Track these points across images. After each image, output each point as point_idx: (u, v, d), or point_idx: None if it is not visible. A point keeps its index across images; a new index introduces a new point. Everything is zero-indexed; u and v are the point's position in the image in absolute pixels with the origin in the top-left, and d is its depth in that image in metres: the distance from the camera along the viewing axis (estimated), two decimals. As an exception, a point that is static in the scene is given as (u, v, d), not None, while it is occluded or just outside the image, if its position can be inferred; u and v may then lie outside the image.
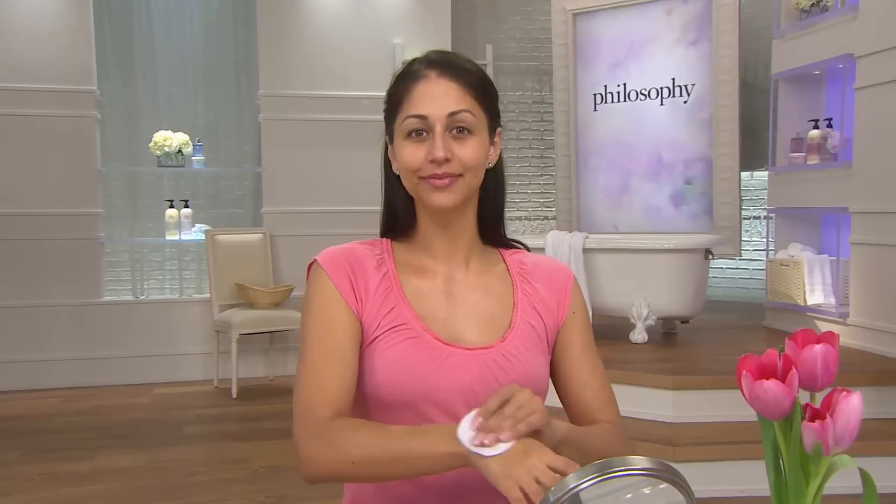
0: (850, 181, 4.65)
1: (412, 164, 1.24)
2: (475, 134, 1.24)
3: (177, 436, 4.49)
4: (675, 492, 0.85)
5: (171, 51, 6.06)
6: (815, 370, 0.83)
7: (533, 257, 1.41)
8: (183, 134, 5.76)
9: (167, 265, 6.21)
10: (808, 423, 0.82)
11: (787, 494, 0.86)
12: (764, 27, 5.76)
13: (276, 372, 5.81)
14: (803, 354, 0.83)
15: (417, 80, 1.25)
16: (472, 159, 1.24)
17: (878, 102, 4.43)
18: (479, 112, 1.25)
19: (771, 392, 0.81)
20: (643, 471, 0.85)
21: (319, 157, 5.96)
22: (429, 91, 1.23)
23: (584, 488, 0.85)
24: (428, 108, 1.22)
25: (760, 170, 6.12)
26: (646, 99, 5.79)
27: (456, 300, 1.31)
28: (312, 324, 1.25)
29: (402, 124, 1.25)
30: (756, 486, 3.36)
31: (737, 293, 6.42)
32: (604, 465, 0.85)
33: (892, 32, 4.28)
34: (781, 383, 0.81)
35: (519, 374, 1.26)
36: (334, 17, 5.97)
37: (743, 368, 0.85)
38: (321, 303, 1.26)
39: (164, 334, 5.79)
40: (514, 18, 6.65)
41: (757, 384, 0.82)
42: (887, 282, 4.36)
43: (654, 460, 0.86)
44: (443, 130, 1.22)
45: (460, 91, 1.24)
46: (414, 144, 1.24)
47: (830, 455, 0.83)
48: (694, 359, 4.43)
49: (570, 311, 1.36)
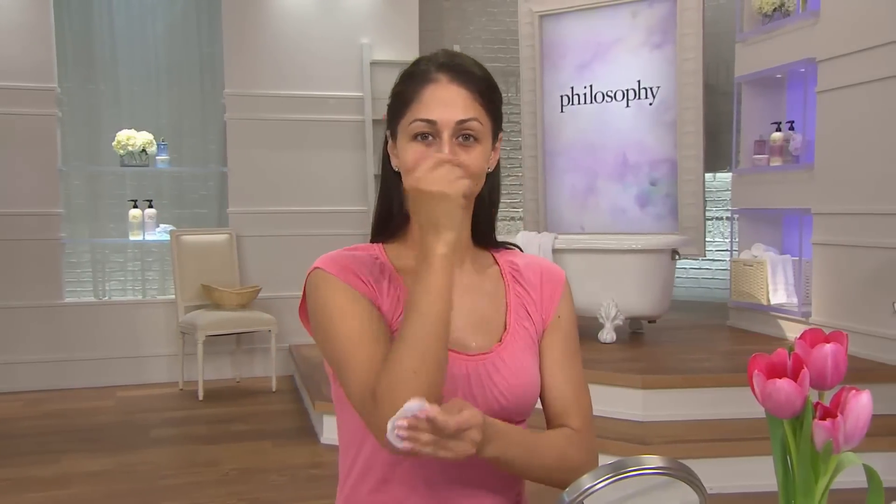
0: (812, 183, 4.74)
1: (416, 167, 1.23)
2: (480, 142, 1.24)
3: (144, 439, 4.43)
4: (689, 491, 0.87)
5: (134, 48, 5.97)
6: (825, 369, 0.85)
7: (525, 258, 1.41)
8: (147, 133, 5.68)
9: (129, 266, 6.11)
10: (819, 422, 0.84)
11: (796, 492, 0.88)
12: (725, 31, 5.85)
13: (242, 374, 5.76)
14: (813, 354, 0.85)
15: (427, 82, 1.24)
16: (476, 167, 1.24)
17: (840, 106, 4.53)
18: (485, 120, 1.25)
19: (783, 391, 0.83)
20: (657, 470, 0.86)
21: (286, 157, 5.93)
22: (439, 95, 1.23)
23: (598, 489, 0.86)
24: (437, 114, 1.22)
25: (723, 171, 6.21)
26: (612, 101, 5.85)
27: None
28: (340, 322, 1.20)
29: (409, 126, 1.24)
30: (726, 483, 3.42)
31: (700, 293, 6.52)
32: (617, 465, 0.87)
33: (852, 37, 4.38)
34: (794, 382, 0.83)
35: (517, 378, 1.27)
36: (301, 17, 5.93)
37: (754, 368, 0.87)
38: (339, 300, 1.22)
39: (127, 336, 5.71)
40: (479, 20, 6.67)
41: (769, 383, 0.84)
42: (848, 282, 4.46)
43: (668, 459, 0.87)
44: (450, 137, 1.22)
45: (469, 98, 1.24)
46: (419, 147, 1.23)
47: (840, 453, 0.85)
48: (662, 358, 4.49)
49: (556, 315, 1.36)
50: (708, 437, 3.64)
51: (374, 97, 5.94)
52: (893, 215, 4.11)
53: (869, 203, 4.29)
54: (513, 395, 1.26)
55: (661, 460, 0.87)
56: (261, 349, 5.76)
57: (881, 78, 4.19)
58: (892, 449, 3.54)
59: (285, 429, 4.60)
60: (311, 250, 6.28)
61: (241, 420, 4.79)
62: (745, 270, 5.14)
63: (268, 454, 4.15)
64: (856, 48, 4.36)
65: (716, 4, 6.12)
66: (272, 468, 3.93)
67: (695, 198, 5.57)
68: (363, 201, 5.97)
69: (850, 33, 4.41)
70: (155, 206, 5.79)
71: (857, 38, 4.35)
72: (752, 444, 3.58)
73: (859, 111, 4.37)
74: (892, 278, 4.10)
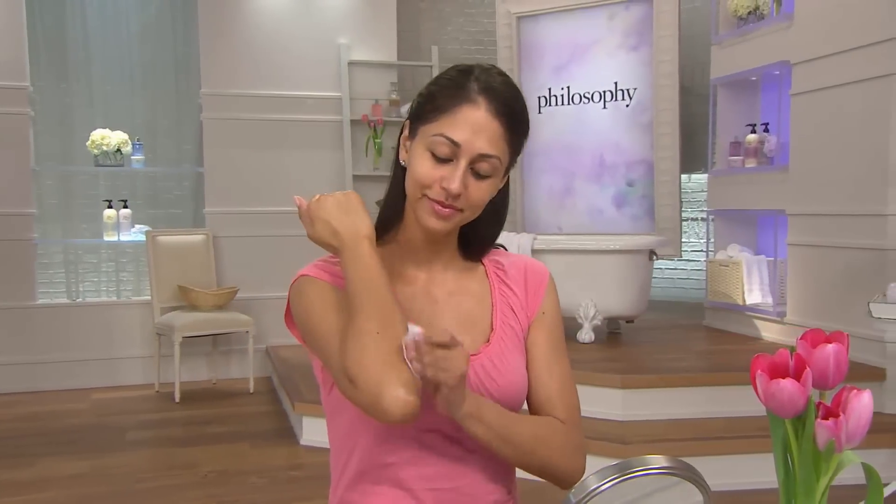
0: (786, 184, 4.80)
1: (425, 181, 1.22)
2: (493, 177, 1.24)
3: (120, 441, 4.38)
4: (694, 491, 0.88)
5: (108, 47, 5.90)
6: (827, 369, 0.86)
7: (509, 257, 1.42)
8: (122, 133, 5.62)
9: (103, 267, 6.04)
10: (821, 421, 0.85)
11: (797, 491, 0.89)
12: (700, 33, 5.91)
13: (218, 375, 5.72)
14: (815, 354, 0.86)
15: (465, 101, 1.21)
16: (479, 200, 1.24)
17: (814, 108, 4.59)
18: (506, 157, 1.25)
19: (787, 391, 0.84)
20: (662, 470, 0.87)
21: (264, 157, 5.89)
22: (472, 119, 1.21)
23: (604, 489, 0.86)
24: (464, 138, 1.20)
25: (698, 172, 6.27)
26: (589, 102, 5.88)
27: (437, 302, 1.32)
28: (325, 317, 1.22)
29: (431, 136, 1.22)
30: (709, 481, 3.45)
31: (675, 293, 6.57)
32: (623, 466, 0.87)
33: (826, 41, 4.44)
34: (797, 382, 0.84)
35: (506, 379, 1.28)
36: (278, 16, 5.91)
37: (757, 368, 0.88)
38: (325, 298, 1.23)
39: (101, 338, 5.64)
40: (457, 20, 6.67)
41: (773, 383, 0.85)
42: (823, 282, 4.52)
43: (673, 458, 0.88)
44: (466, 165, 1.21)
45: (499, 133, 1.22)
46: (433, 162, 1.22)
47: (842, 452, 0.86)
48: (640, 358, 4.52)
49: (540, 311, 1.36)
50: (687, 436, 3.68)
51: (351, 97, 5.93)
52: (866, 216, 4.17)
53: (843, 204, 4.35)
54: (502, 395, 1.26)
55: (666, 460, 0.87)
56: (237, 350, 5.72)
57: (854, 81, 4.25)
58: (869, 447, 3.58)
59: (264, 430, 4.57)
60: (288, 251, 6.28)
61: (218, 422, 4.76)
62: (721, 271, 5.19)
63: (246, 456, 4.13)
64: (829, 51, 4.42)
65: (691, 7, 6.17)
66: (251, 470, 3.91)
67: (671, 199, 5.62)
68: (341, 202, 5.94)
69: (824, 37, 4.46)
70: (129, 206, 5.73)
71: (830, 41, 4.41)
72: (731, 443, 3.62)
73: (833, 113, 4.43)
74: (865, 278, 4.16)
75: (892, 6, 4.02)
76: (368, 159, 5.99)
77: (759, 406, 3.45)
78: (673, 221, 5.61)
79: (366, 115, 5.87)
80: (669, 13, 5.56)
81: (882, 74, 4.07)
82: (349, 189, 6.04)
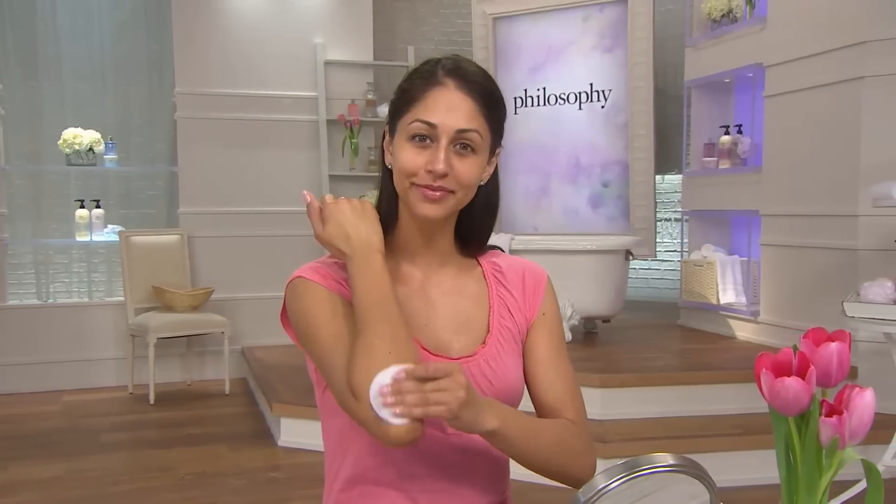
0: (760, 185, 4.86)
1: (409, 169, 1.23)
2: (477, 153, 1.24)
3: (94, 444, 4.33)
4: (702, 489, 0.89)
5: (79, 45, 5.82)
6: (831, 367, 0.88)
7: (507, 259, 1.42)
8: (94, 131, 5.55)
9: (75, 267, 5.96)
10: (825, 419, 0.86)
11: (799, 488, 0.90)
12: (674, 36, 5.96)
13: (193, 376, 5.67)
14: (819, 352, 0.88)
15: (434, 85, 1.23)
16: (468, 178, 1.24)
17: (786, 110, 4.65)
18: (486, 132, 1.25)
19: (792, 389, 0.86)
20: (669, 467, 0.88)
21: (239, 156, 5.85)
22: (444, 100, 1.22)
23: (612, 489, 0.87)
24: (439, 118, 1.21)
25: (671, 173, 6.33)
26: (564, 103, 5.91)
27: (433, 303, 1.32)
28: (324, 324, 1.21)
29: (408, 125, 1.23)
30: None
31: (649, 293, 6.62)
32: (630, 464, 0.88)
33: (798, 44, 4.50)
34: (801, 380, 0.85)
35: (501, 381, 1.28)
36: (253, 15, 5.87)
37: (762, 366, 0.89)
38: (322, 303, 1.23)
39: (74, 339, 5.57)
40: (432, 21, 6.67)
41: (778, 381, 0.86)
42: (795, 281, 4.58)
43: (679, 456, 0.89)
44: (447, 144, 1.21)
45: (474, 108, 1.23)
46: (415, 149, 1.23)
47: (845, 449, 0.87)
48: (617, 357, 4.55)
49: (540, 312, 1.37)
50: (665, 435, 3.71)
51: (327, 97, 5.91)
52: (838, 217, 4.24)
53: (815, 205, 4.41)
54: (498, 398, 1.26)
55: (673, 458, 0.88)
56: (212, 351, 5.68)
57: (826, 83, 4.31)
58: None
59: (240, 432, 4.54)
60: (264, 251, 6.23)
61: (194, 424, 4.71)
62: (696, 271, 5.25)
63: (224, 458, 4.10)
64: (802, 54, 4.49)
65: (665, 9, 6.22)
66: (229, 472, 3.88)
67: (646, 199, 5.67)
68: (316, 202, 5.91)
69: (796, 40, 4.53)
70: (101, 206, 5.66)
71: (802, 44, 4.47)
72: (708, 441, 3.66)
73: (805, 115, 4.49)
74: (837, 278, 4.22)
75: (863, 10, 4.09)
76: (345, 159, 5.97)
77: (735, 404, 3.54)
78: (647, 222, 5.66)
79: (342, 115, 5.85)
80: (644, 15, 5.61)
81: (853, 77, 4.13)
82: (326, 190, 6.02)
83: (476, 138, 1.23)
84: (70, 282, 5.93)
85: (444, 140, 1.21)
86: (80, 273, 5.95)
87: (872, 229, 4.05)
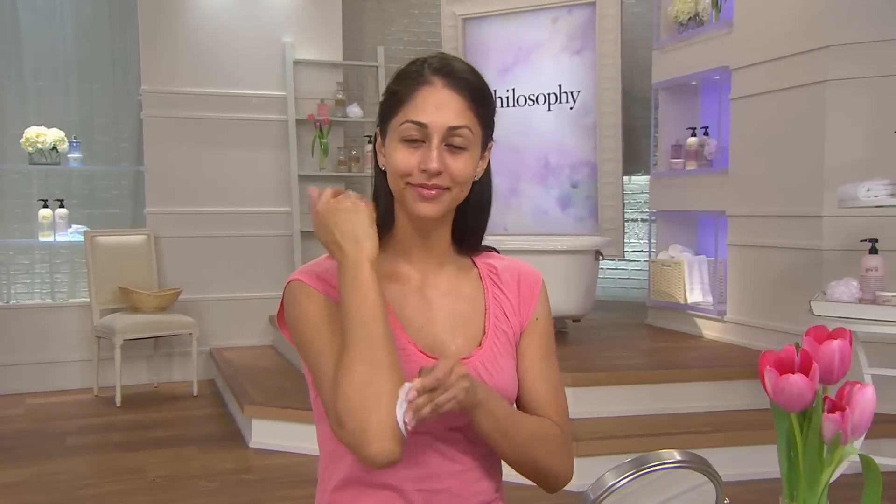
0: (726, 186, 4.93)
1: (403, 169, 1.23)
2: (469, 149, 1.25)
3: (60, 447, 4.26)
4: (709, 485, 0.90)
5: (41, 43, 5.72)
6: (833, 364, 0.90)
7: (503, 261, 1.43)
8: (57, 130, 5.46)
9: (37, 268, 5.86)
10: (828, 415, 0.88)
11: (800, 483, 0.92)
12: (640, 38, 6.02)
13: (160, 378, 5.60)
14: (821, 349, 0.90)
15: (422, 84, 1.24)
16: (462, 175, 1.25)
17: (752, 112, 4.73)
18: (476, 127, 1.26)
19: (796, 386, 0.88)
20: (677, 464, 0.89)
21: (207, 156, 5.79)
22: (432, 99, 1.23)
23: (621, 485, 0.88)
24: (429, 117, 1.22)
25: (637, 174, 6.39)
26: (534, 104, 5.95)
27: (430, 304, 1.32)
28: (317, 333, 1.22)
29: (399, 126, 1.24)
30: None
31: (616, 293, 6.68)
32: (639, 461, 0.89)
33: (764, 48, 4.58)
34: (806, 377, 0.87)
35: (496, 382, 1.29)
36: (222, 14, 5.81)
37: (765, 363, 0.91)
38: (317, 311, 1.24)
39: (36, 341, 5.47)
40: (401, 21, 6.67)
41: (783, 378, 0.88)
42: (761, 281, 4.66)
43: (686, 452, 0.90)
44: (439, 142, 1.22)
45: (463, 105, 1.24)
46: (408, 150, 1.23)
47: (847, 444, 0.89)
48: (588, 356, 4.59)
49: (534, 317, 1.38)
50: (636, 433, 3.75)
51: (297, 97, 5.87)
52: (803, 217, 4.31)
53: (781, 206, 4.49)
54: None
55: (680, 454, 0.90)
56: (180, 353, 5.62)
57: (792, 86, 4.39)
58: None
59: (210, 434, 4.50)
60: (233, 251, 6.17)
61: (162, 426, 4.66)
62: (663, 270, 5.31)
63: (194, 460, 4.05)
64: (768, 58, 4.56)
65: (632, 12, 6.29)
66: (200, 474, 3.84)
67: (614, 200, 5.72)
68: (286, 202, 5.89)
69: (762, 43, 4.60)
70: (65, 205, 5.57)
71: (768, 48, 4.54)
72: (679, 439, 3.70)
73: (771, 118, 4.57)
74: (802, 277, 4.30)
75: (828, 16, 4.17)
76: (314, 159, 5.94)
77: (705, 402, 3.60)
78: (616, 222, 5.71)
79: (311, 115, 5.82)
80: (611, 18, 5.67)
81: (818, 80, 4.21)
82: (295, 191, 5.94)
83: (467, 134, 1.24)
84: (32, 283, 5.82)
85: (436, 138, 1.22)
86: (42, 274, 5.85)
87: (837, 229, 4.13)
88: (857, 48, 4.08)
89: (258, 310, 5.70)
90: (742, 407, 4.08)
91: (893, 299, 3.33)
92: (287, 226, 5.88)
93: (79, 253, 5.67)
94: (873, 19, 4.05)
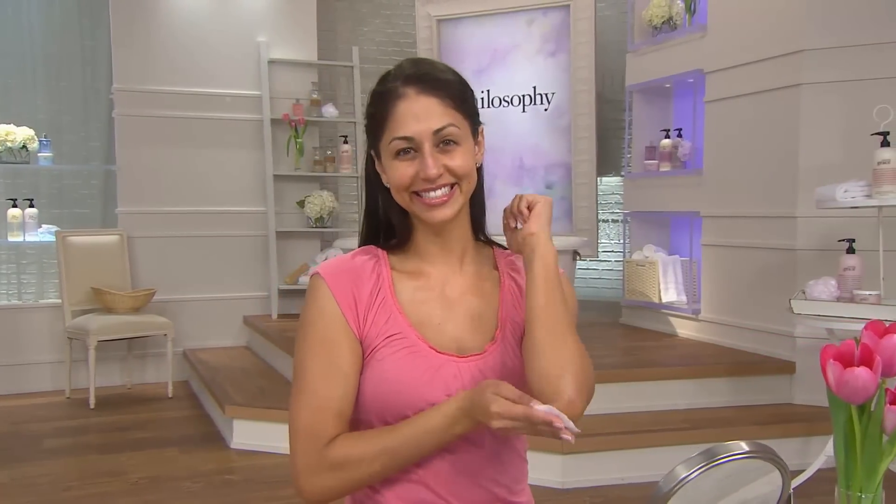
0: (700, 187, 5.02)
1: (404, 183, 1.26)
2: (461, 143, 1.27)
3: (38, 450, 4.19)
4: (776, 474, 0.94)
5: (7, 39, 5.62)
6: (893, 357, 0.94)
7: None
8: (27, 128, 5.36)
9: (3, 269, 5.74)
10: (891, 406, 0.92)
11: (856, 473, 0.96)
12: (614, 41, 6.10)
13: (133, 380, 5.53)
14: (882, 343, 0.94)
15: (397, 99, 1.25)
16: (463, 168, 1.26)
17: (726, 115, 4.82)
18: (462, 122, 1.27)
19: (860, 378, 0.91)
20: (746, 455, 0.92)
21: (180, 155, 5.73)
22: (412, 111, 1.24)
23: (693, 478, 0.91)
24: (413, 129, 1.24)
25: (610, 175, 6.47)
26: (509, 106, 5.99)
27: (450, 302, 1.34)
28: (311, 343, 1.26)
29: (389, 145, 1.26)
30: (636, 473, 3.64)
31: (589, 293, 6.74)
32: (709, 453, 0.92)
33: (737, 51, 4.67)
34: (870, 370, 0.91)
35: (511, 375, 1.30)
36: (195, 12, 5.76)
37: (828, 357, 0.94)
38: (321, 321, 1.26)
39: (6, 343, 5.37)
40: (374, 22, 6.66)
41: (847, 371, 0.92)
42: (735, 280, 4.75)
43: (754, 443, 0.93)
44: (431, 148, 1.24)
45: (442, 105, 1.25)
46: (404, 163, 1.26)
47: (908, 434, 0.93)
48: (568, 355, 4.63)
49: None
50: (615, 430, 3.79)
51: (272, 96, 5.84)
52: (777, 218, 4.41)
53: (755, 206, 4.58)
54: None
55: (748, 445, 0.93)
56: (153, 354, 5.55)
57: (765, 90, 4.48)
58: (781, 436, 3.82)
59: (189, 435, 4.46)
60: (207, 251, 6.12)
61: (139, 427, 4.60)
62: (638, 270, 5.38)
63: (176, 461, 4.02)
64: (741, 61, 4.65)
65: (606, 15, 6.36)
66: (183, 476, 3.81)
67: (588, 201, 5.79)
68: (261, 202, 5.85)
69: (736, 47, 4.69)
70: (35, 205, 5.47)
71: (742, 51, 4.64)
72: (657, 436, 3.77)
73: (745, 120, 4.66)
74: (775, 277, 4.40)
75: (801, 21, 4.27)
76: (289, 159, 5.91)
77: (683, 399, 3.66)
78: (590, 223, 5.78)
79: (287, 115, 5.79)
80: (586, 21, 5.73)
81: (791, 84, 4.31)
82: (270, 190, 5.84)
83: (454, 131, 1.25)
84: (-2, 283, 5.71)
85: (427, 146, 1.24)
86: (9, 275, 5.74)
87: (811, 230, 4.23)
88: (831, 53, 4.18)
89: (233, 310, 5.66)
90: (721, 404, 4.16)
91: (871, 297, 3.43)
92: (262, 226, 5.84)
93: (47, 253, 5.58)
94: (846, 24, 4.15)
